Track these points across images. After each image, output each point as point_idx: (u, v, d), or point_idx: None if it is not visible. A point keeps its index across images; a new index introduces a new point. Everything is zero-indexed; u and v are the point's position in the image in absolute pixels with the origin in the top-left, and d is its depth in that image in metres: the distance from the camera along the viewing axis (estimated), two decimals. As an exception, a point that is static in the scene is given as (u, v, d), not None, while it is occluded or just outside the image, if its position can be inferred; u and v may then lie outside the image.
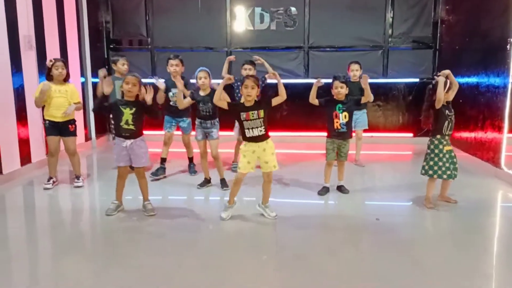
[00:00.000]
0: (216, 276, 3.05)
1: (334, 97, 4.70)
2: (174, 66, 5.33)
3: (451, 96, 4.26)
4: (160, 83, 5.19)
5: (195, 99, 4.90)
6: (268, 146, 3.99)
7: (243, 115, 3.93)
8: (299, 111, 7.97)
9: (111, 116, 5.76)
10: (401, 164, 6.85)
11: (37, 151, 5.96)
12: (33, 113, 5.82)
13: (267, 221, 4.05)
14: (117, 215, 4.19)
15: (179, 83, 4.78)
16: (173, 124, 5.61)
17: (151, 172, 5.44)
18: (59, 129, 5.08)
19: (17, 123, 5.55)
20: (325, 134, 4.88)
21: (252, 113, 3.91)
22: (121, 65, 5.75)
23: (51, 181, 5.13)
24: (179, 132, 5.68)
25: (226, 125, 5.50)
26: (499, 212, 4.58)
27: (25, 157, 5.72)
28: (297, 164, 6.39)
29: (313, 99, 4.71)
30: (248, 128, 3.93)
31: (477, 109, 6.13)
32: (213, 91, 4.81)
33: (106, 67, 8.04)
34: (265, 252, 3.48)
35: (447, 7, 7.40)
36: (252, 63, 5.73)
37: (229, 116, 4.53)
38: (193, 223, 4.06)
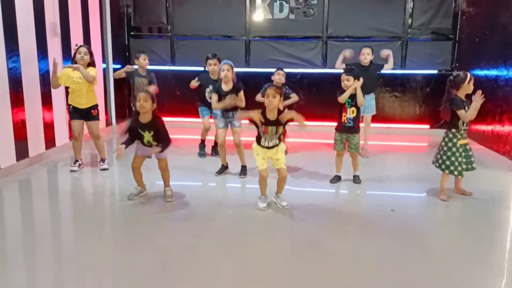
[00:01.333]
0: (230, 255, 3.20)
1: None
2: (212, 66, 5.62)
3: (470, 88, 4.27)
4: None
5: (218, 92, 4.97)
6: (280, 148, 4.05)
7: (262, 128, 3.97)
8: (316, 100, 8.04)
9: (131, 100, 6.02)
10: (416, 155, 6.89)
11: (61, 135, 6.16)
12: (58, 98, 6.01)
13: (283, 209, 4.15)
14: (139, 200, 4.35)
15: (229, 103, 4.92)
16: (208, 112, 5.93)
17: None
18: (83, 113, 5.27)
19: (42, 107, 5.74)
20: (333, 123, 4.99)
21: (272, 129, 3.94)
22: (143, 60, 5.96)
23: (77, 164, 5.34)
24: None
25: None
26: (513, 205, 4.62)
27: (50, 141, 5.92)
28: (311, 153, 6.48)
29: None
30: (265, 138, 4.00)
31: (494, 102, 6.11)
32: (235, 86, 4.95)
33: (127, 54, 8.24)
34: (280, 238, 3.62)
35: (468, -2, 7.34)
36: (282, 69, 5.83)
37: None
38: (210, 208, 4.20)
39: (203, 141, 6.16)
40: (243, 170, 5.16)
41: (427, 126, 8.01)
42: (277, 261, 3.20)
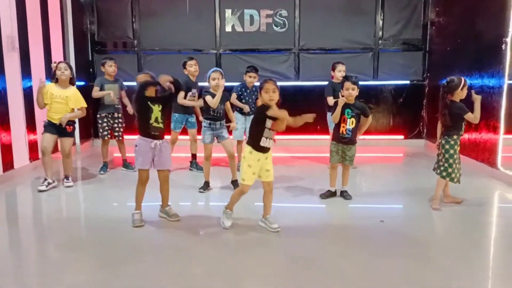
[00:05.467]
0: (222, 282, 2.88)
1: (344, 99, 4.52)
2: (194, 66, 5.65)
3: (464, 94, 4.19)
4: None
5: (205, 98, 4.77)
6: (269, 155, 3.72)
7: (268, 123, 3.60)
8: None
9: (99, 119, 5.68)
10: (394, 166, 6.80)
11: (21, 157, 5.68)
12: (16, 117, 5.56)
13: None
14: (116, 222, 3.95)
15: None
16: (183, 123, 5.79)
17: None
18: (58, 129, 5.05)
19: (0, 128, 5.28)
20: (318, 137, 4.76)
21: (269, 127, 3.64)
22: (109, 66, 5.71)
23: (46, 183, 4.97)
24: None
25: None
26: (503, 212, 4.54)
27: (8, 164, 5.43)
28: (293, 168, 6.25)
29: (337, 118, 4.52)
30: (266, 137, 3.62)
31: (470, 110, 6.09)
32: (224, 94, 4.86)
33: (91, 70, 7.86)
34: (274, 260, 3.34)
35: (437, 8, 7.43)
36: (256, 70, 5.75)
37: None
38: (195, 231, 3.86)
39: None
40: (235, 184, 4.84)
41: (402, 137, 7.99)
42: (273, 284, 2.91)
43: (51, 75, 5.12)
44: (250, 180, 3.66)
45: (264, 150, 3.65)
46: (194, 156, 5.99)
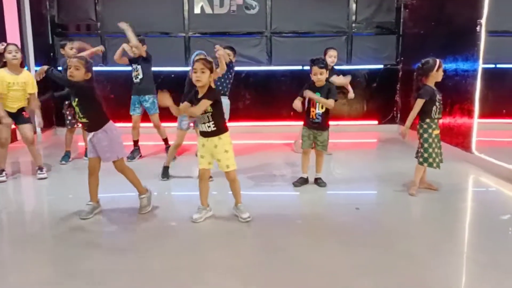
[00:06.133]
0: (186, 278, 2.66)
1: (314, 83, 4.34)
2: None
3: (440, 76, 4.05)
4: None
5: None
6: (220, 143, 3.45)
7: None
8: (263, 100, 7.70)
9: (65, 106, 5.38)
10: (368, 152, 6.70)
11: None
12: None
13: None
14: (94, 218, 3.63)
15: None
16: (136, 105, 5.57)
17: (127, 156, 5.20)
18: (13, 117, 4.70)
19: None
20: (290, 123, 4.56)
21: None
22: (69, 49, 5.37)
23: (3, 173, 4.70)
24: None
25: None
26: (477, 196, 4.47)
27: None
28: (265, 155, 6.05)
29: (297, 106, 4.27)
30: (202, 123, 3.44)
31: (444, 93, 5.97)
32: None
33: (51, 54, 7.43)
34: (243, 250, 3.13)
35: (411, -9, 7.30)
36: (232, 48, 5.49)
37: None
38: (159, 222, 3.62)
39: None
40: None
41: (376, 122, 7.90)
42: (247, 277, 2.70)
43: None
44: (200, 163, 3.53)
45: (204, 134, 3.46)
46: (165, 141, 5.75)
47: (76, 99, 3.47)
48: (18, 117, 4.73)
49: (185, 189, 4.53)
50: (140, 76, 5.43)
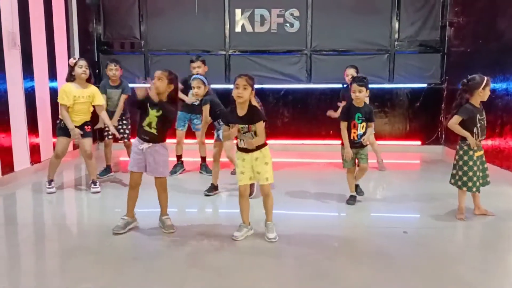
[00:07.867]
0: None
1: (353, 103, 4.24)
2: (196, 69, 5.37)
3: (486, 95, 3.85)
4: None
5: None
6: (261, 155, 3.41)
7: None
8: (302, 118, 7.61)
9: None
10: (411, 173, 6.46)
11: (21, 160, 5.44)
12: (17, 118, 5.34)
13: (283, 236, 3.51)
14: (127, 233, 3.62)
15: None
16: (185, 122, 5.72)
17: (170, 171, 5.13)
18: None
19: (-1, 128, 5.05)
20: (329, 142, 4.49)
21: (242, 127, 3.37)
22: (109, 70, 5.50)
23: (52, 184, 4.82)
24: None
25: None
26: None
27: (8, 166, 5.19)
28: (303, 174, 5.94)
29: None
30: (240, 139, 3.41)
31: (494, 114, 5.75)
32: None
33: (97, 71, 7.63)
34: (286, 274, 3.02)
35: (456, 9, 7.10)
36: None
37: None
38: (200, 239, 3.56)
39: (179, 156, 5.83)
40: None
41: (419, 142, 7.65)
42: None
43: (68, 73, 4.77)
44: (240, 180, 3.47)
45: (245, 150, 3.40)
46: (203, 159, 5.77)
47: (161, 112, 3.49)
48: (81, 130, 4.76)
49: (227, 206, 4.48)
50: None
